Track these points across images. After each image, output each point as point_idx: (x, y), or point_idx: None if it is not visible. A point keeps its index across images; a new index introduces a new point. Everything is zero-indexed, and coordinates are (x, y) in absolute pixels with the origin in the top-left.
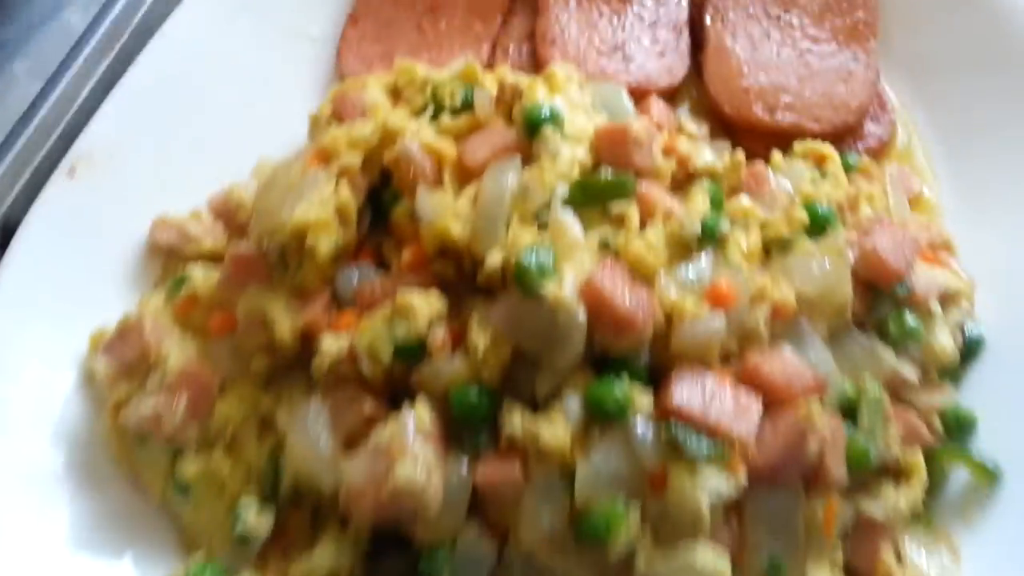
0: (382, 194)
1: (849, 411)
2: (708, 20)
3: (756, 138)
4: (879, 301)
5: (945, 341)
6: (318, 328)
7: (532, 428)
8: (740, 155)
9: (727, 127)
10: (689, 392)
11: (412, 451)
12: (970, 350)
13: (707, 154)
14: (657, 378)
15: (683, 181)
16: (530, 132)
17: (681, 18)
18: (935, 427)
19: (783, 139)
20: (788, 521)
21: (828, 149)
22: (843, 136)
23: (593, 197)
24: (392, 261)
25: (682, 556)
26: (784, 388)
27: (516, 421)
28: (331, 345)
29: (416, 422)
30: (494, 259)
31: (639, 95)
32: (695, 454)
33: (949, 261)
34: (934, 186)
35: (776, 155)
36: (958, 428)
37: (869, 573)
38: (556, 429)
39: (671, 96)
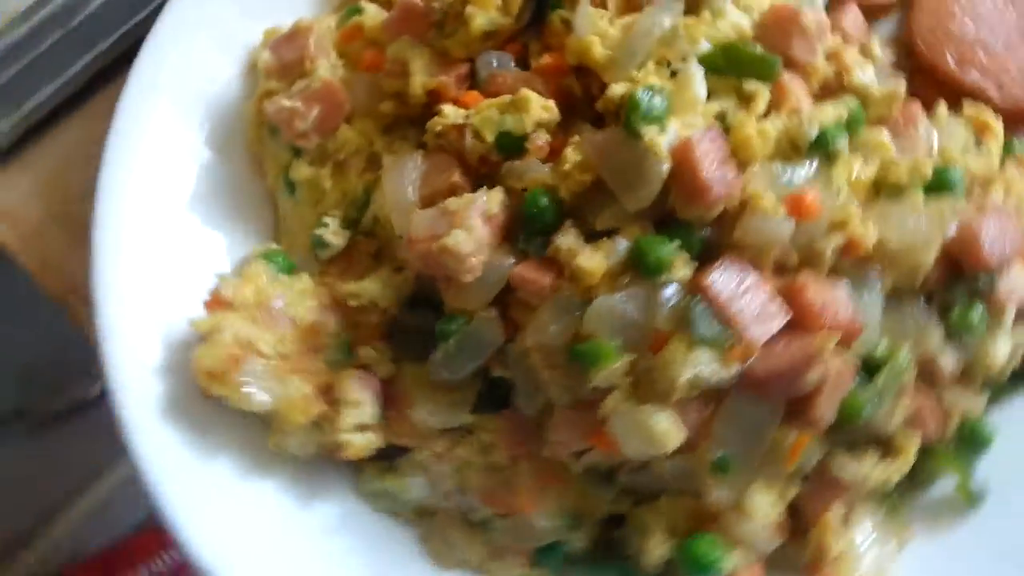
0: None
1: (870, 368)
2: None
3: (932, 84)
4: (957, 283)
5: (1002, 352)
6: (446, 95)
7: (576, 250)
8: (901, 87)
9: (914, 64)
10: (725, 279)
11: (470, 224)
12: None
13: (869, 74)
14: (707, 258)
15: (835, 91)
16: None
17: None
18: (948, 428)
19: (958, 96)
20: (757, 433)
21: (995, 121)
22: (1020, 120)
23: (733, 66)
24: (532, 62)
25: (644, 413)
26: (816, 315)
27: (568, 240)
28: (449, 113)
29: (486, 204)
30: (616, 90)
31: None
32: (700, 334)
33: None
34: None
35: (942, 106)
36: (970, 441)
37: (809, 521)
38: (595, 260)
39: (876, 11)
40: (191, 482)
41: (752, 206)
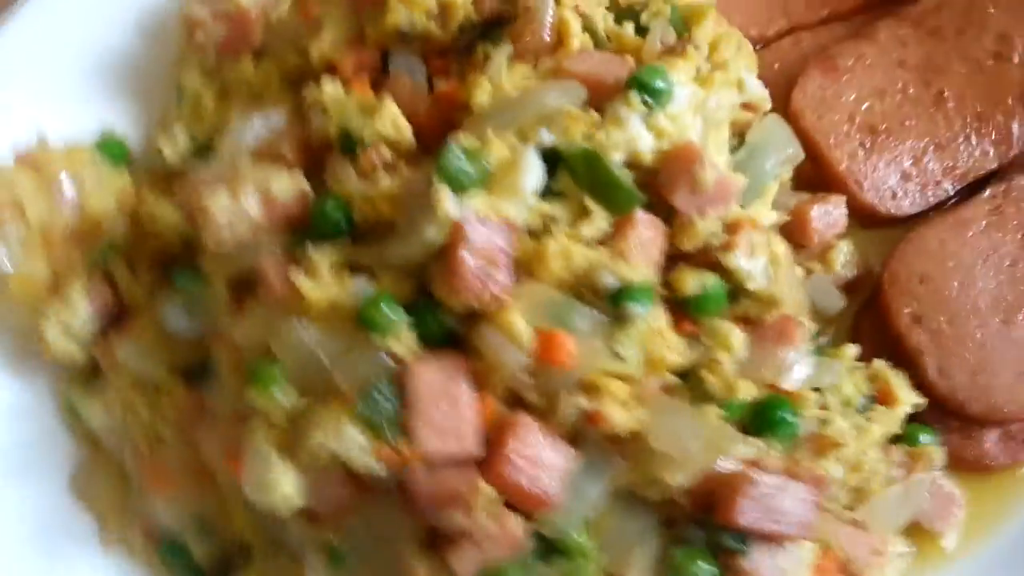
0: None
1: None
2: None
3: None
4: (704, 526)
5: None
6: (340, 71)
7: (314, 270)
8: (795, 297)
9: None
10: (434, 377)
11: (242, 196)
12: None
13: (757, 265)
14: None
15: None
16: (631, 85)
17: None
18: None
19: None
20: (384, 546)
21: (905, 395)
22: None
23: (587, 177)
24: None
25: (274, 463)
26: (503, 461)
27: (319, 257)
28: (326, 90)
29: (271, 186)
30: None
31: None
32: (365, 412)
33: None
34: None
35: (851, 349)
36: None
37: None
38: (317, 289)
39: None
40: None
41: (498, 321)
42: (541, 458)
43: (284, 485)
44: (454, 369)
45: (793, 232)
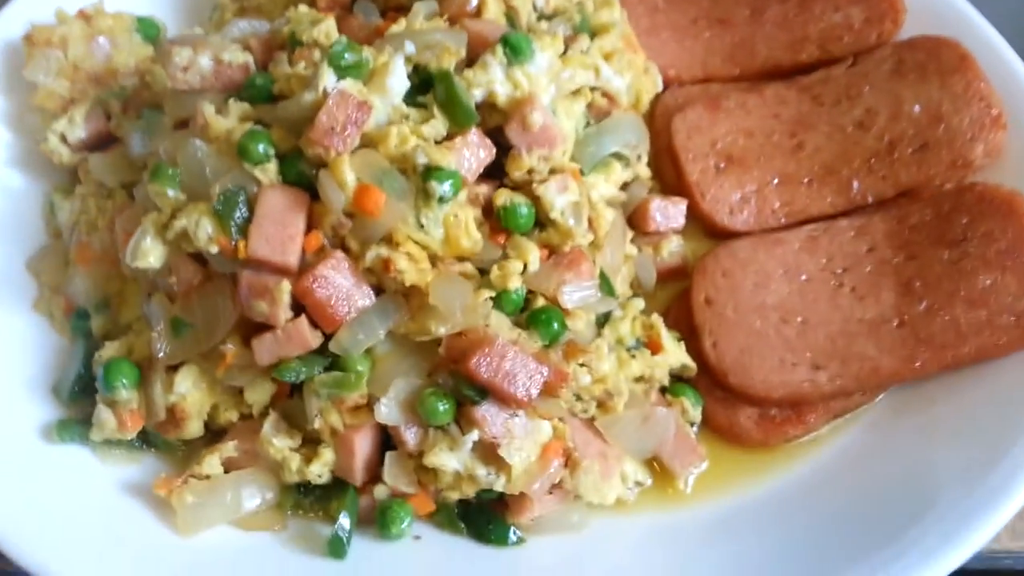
0: None
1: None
2: None
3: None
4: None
5: (445, 463)
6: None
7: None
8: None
9: None
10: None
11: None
12: None
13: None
14: None
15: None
16: (501, 41)
17: None
18: None
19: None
20: None
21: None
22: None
23: (439, 90)
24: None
25: None
26: None
27: None
28: (302, 11)
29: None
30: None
31: None
32: None
33: None
34: None
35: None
36: None
37: None
38: None
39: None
40: None
41: (333, 168)
42: (343, 287)
43: (150, 255)
44: (296, 201)
45: (636, 216)
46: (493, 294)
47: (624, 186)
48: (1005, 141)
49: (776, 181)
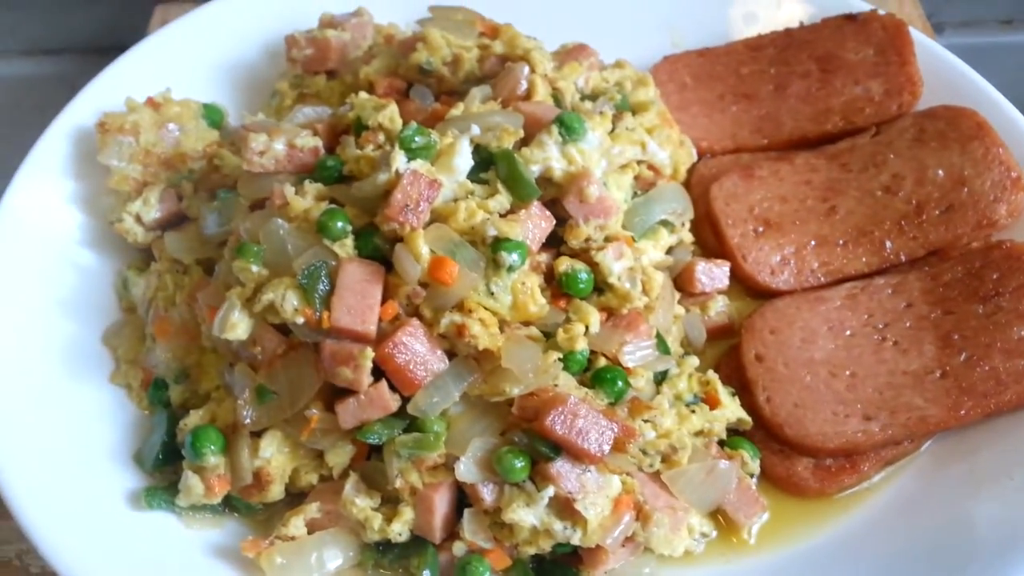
0: None
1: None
2: None
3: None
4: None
5: (522, 518)
6: (375, 87)
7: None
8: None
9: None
10: None
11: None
12: None
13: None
14: None
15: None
16: (555, 121)
17: None
18: None
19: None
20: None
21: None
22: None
23: (500, 167)
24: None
25: None
26: None
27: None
28: (363, 97)
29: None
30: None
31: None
32: None
33: None
34: None
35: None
36: None
37: None
38: None
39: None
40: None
41: (408, 242)
42: (419, 352)
43: (238, 327)
44: (373, 274)
45: (682, 279)
46: (561, 355)
47: (669, 250)
48: None
49: (813, 243)
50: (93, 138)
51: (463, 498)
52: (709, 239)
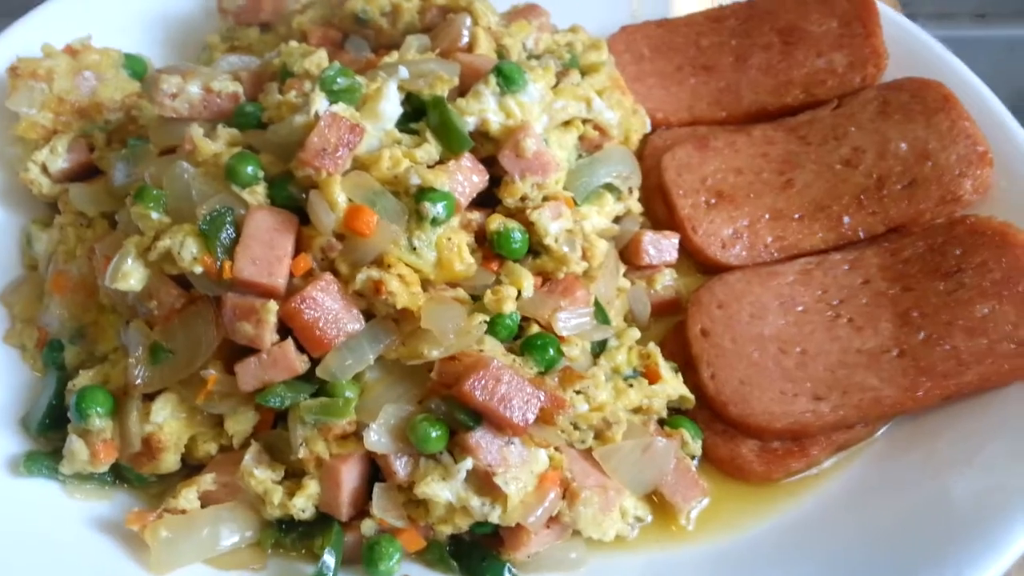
0: None
1: None
2: None
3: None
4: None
5: (438, 492)
6: (308, 36)
7: None
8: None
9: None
10: None
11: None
12: None
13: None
14: None
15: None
16: (493, 71)
17: None
18: None
19: None
20: None
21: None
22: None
23: (432, 116)
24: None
25: None
26: None
27: None
28: (292, 46)
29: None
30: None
31: None
32: None
33: None
34: None
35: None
36: None
37: None
38: None
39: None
40: None
41: (323, 189)
42: (332, 309)
43: (131, 277)
44: (284, 223)
45: (628, 250)
46: (487, 318)
47: (616, 220)
48: (992, 177)
49: (767, 216)
50: (5, 85)
51: (375, 473)
52: (661, 213)
